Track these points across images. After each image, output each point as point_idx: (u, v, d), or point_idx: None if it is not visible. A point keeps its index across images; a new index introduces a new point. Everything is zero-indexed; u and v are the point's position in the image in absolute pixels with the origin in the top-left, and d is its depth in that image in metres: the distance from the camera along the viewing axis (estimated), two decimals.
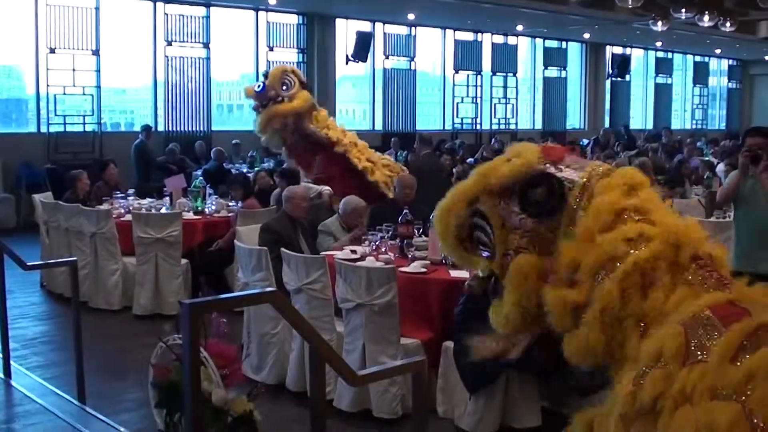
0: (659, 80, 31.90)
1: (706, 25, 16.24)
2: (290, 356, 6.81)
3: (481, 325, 5.70)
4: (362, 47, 21.82)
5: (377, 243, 7.31)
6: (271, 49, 21.08)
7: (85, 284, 9.32)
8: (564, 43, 28.24)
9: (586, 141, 23.35)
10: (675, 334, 2.75)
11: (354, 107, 24.54)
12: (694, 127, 32.72)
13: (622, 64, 29.14)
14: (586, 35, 26.70)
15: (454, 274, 6.56)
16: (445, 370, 6.16)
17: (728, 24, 16.53)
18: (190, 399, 3.21)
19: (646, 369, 2.78)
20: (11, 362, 7.09)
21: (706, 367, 2.59)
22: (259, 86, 11.20)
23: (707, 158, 18.39)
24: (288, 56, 21.48)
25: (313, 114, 11.44)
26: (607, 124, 29.39)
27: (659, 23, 16.85)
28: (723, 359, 2.56)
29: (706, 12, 15.56)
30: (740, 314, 2.73)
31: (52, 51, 17.10)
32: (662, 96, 32.05)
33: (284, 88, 11.16)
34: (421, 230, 7.65)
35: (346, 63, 22.05)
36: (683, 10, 15.57)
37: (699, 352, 2.66)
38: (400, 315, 6.11)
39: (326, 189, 10.53)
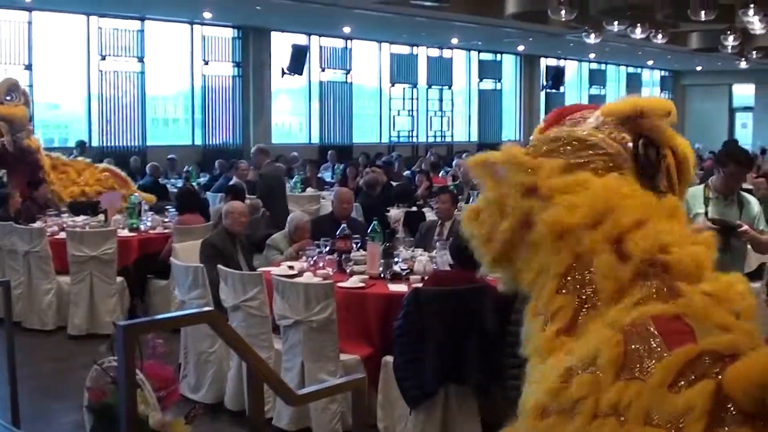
0: (593, 91, 32.29)
1: (638, 37, 16.45)
2: (228, 374, 6.73)
3: (420, 338, 5.75)
4: (298, 60, 21.81)
5: (315, 258, 7.28)
6: (207, 63, 21.00)
7: (19, 304, 9.13)
8: (499, 56, 28.49)
9: None
10: (613, 343, 2.66)
11: (290, 120, 24.51)
12: None
13: (557, 76, 29.45)
14: (521, 48, 26.95)
15: (393, 288, 6.56)
16: (385, 385, 6.13)
17: (660, 36, 16.79)
18: (127, 423, 3.15)
19: (575, 370, 2.72)
20: None
21: (643, 388, 2.50)
22: None
23: None
24: (223, 70, 21.40)
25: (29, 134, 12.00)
26: None
27: (592, 36, 17.06)
28: (662, 384, 2.51)
29: (638, 24, 15.76)
30: (684, 334, 2.65)
31: None
32: None
33: (8, 98, 11.69)
34: (359, 244, 7.63)
35: (282, 76, 22.01)
36: (615, 22, 15.76)
37: (636, 367, 2.59)
38: (339, 331, 6.07)
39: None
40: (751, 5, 14.13)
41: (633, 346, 2.65)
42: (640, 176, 3.21)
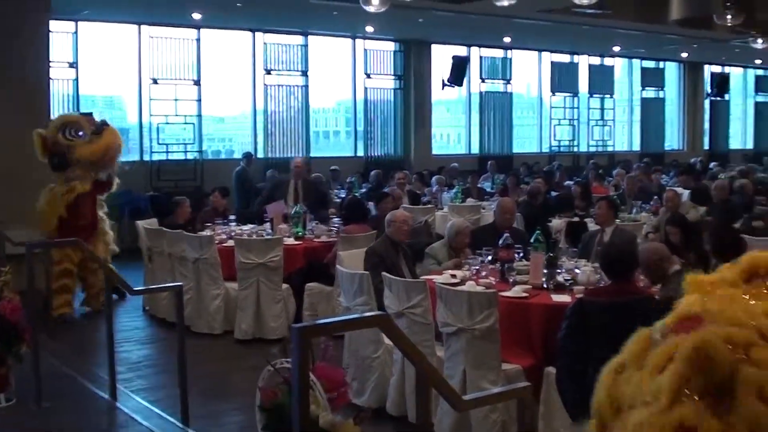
0: (759, 99, 31.17)
1: None
2: (390, 381, 6.83)
3: (584, 349, 5.69)
4: (458, 71, 21.84)
5: (478, 267, 7.31)
6: (369, 76, 21.28)
7: (188, 309, 9.48)
8: (661, 63, 27.86)
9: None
10: (638, 340, 2.77)
11: (450, 131, 24.59)
12: None
13: (721, 83, 28.55)
14: (684, 54, 26.29)
15: (556, 298, 6.52)
16: (546, 396, 6.09)
17: None
18: (299, 422, 3.24)
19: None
20: (117, 385, 7.27)
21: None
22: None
23: None
24: (385, 83, 21.67)
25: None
26: (706, 145, 28.88)
27: (759, 41, 16.54)
28: (654, 368, 2.59)
29: None
30: (691, 329, 2.72)
31: (155, 81, 17.58)
32: (763, 115, 31.26)
33: (71, 136, 10.94)
34: (521, 254, 7.62)
35: (443, 88, 22.10)
36: None
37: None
38: (502, 340, 6.08)
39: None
40: None
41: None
42: None
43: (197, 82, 18.21)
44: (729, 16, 14.23)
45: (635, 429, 2.62)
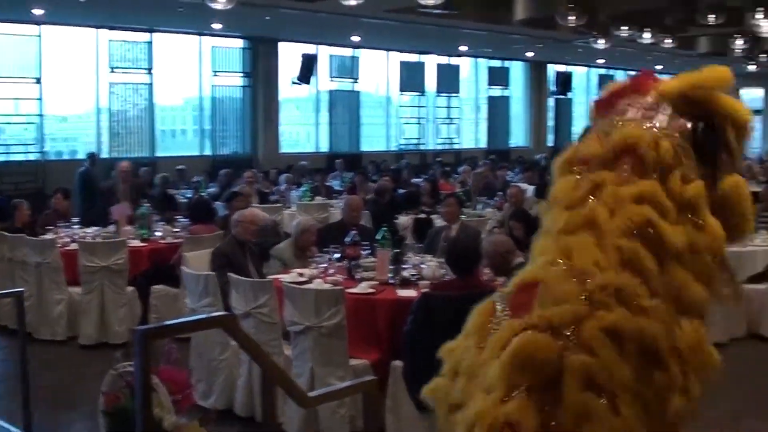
0: None
1: (646, 42, 16.50)
2: (238, 382, 6.80)
3: (431, 340, 5.78)
4: (307, 70, 21.88)
5: (325, 265, 7.34)
6: (216, 74, 21.09)
7: (29, 315, 9.18)
8: (506, 62, 28.52)
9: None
10: (481, 311, 2.98)
11: (298, 129, 24.59)
12: None
13: (565, 82, 29.46)
14: (529, 54, 26.99)
15: (402, 293, 6.61)
16: (394, 390, 6.17)
17: (668, 40, 16.83)
18: (142, 425, 3.21)
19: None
20: None
21: (479, 357, 2.80)
22: None
23: None
24: (232, 80, 21.51)
25: None
26: (551, 142, 29.71)
27: (600, 41, 17.11)
28: (492, 354, 2.72)
29: (647, 29, 15.81)
30: (524, 305, 2.82)
31: None
32: None
33: None
34: (369, 251, 7.69)
35: (291, 86, 22.09)
36: (624, 27, 15.81)
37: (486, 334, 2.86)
38: (349, 336, 6.13)
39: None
40: (760, 9, 14.16)
41: (495, 315, 2.96)
42: (701, 162, 3.13)
43: (39, 81, 17.68)
44: (571, 17, 14.70)
45: (472, 418, 2.70)
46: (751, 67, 23.65)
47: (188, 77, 21.08)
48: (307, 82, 22.23)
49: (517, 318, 2.78)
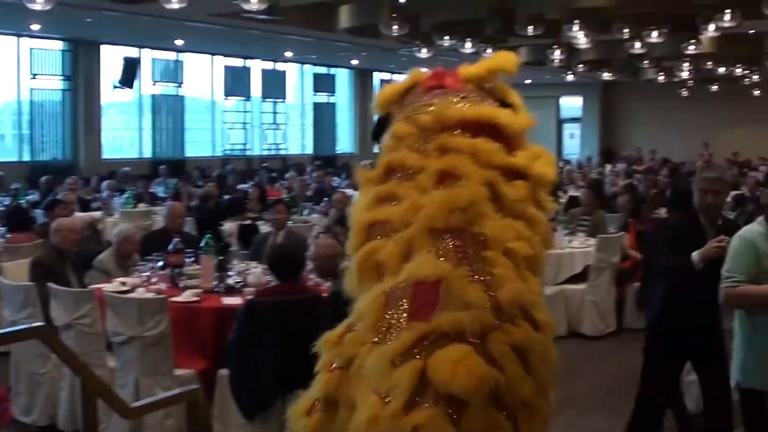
0: None
1: (468, 51, 16.88)
2: (61, 395, 6.62)
3: (255, 349, 5.80)
4: (129, 73, 21.49)
5: (148, 273, 7.24)
6: (34, 77, 20.44)
7: None
8: (332, 69, 28.70)
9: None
10: (375, 305, 2.71)
11: (122, 134, 24.06)
12: None
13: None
14: (354, 62, 27.23)
15: (227, 301, 6.59)
16: (221, 398, 6.15)
17: (489, 50, 17.25)
18: None
19: (351, 325, 2.79)
20: None
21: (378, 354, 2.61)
22: None
23: None
24: (52, 83, 20.90)
25: None
26: (377, 149, 30.00)
27: (424, 50, 17.42)
28: (391, 355, 2.57)
29: (468, 39, 16.20)
30: (427, 306, 2.65)
31: None
32: None
33: None
34: (192, 259, 7.62)
35: (113, 90, 21.64)
36: (446, 37, 16.14)
37: (383, 333, 2.66)
38: (174, 345, 6.07)
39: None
40: (576, 21, 14.73)
41: (389, 312, 2.69)
42: None
43: None
44: (394, 27, 14.94)
45: (367, 426, 2.58)
46: (569, 77, 24.56)
47: (5, 80, 20.33)
48: (130, 86, 21.83)
49: (420, 320, 2.61)
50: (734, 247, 4.56)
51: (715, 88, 27.66)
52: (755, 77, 24.67)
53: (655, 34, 15.38)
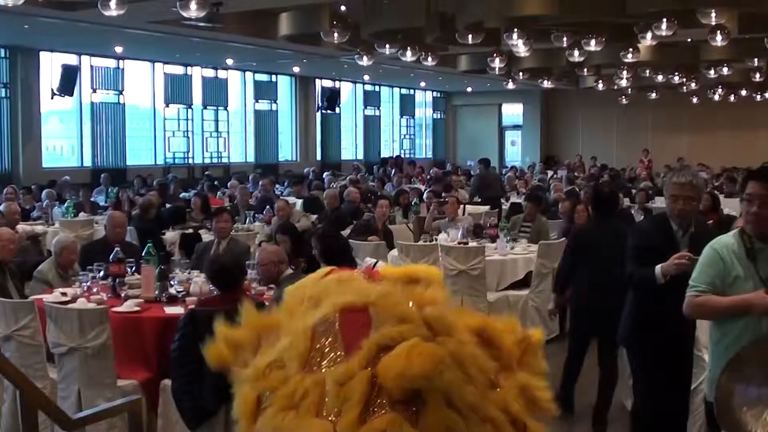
0: (368, 112, 33.05)
1: (409, 59, 16.93)
2: (2, 408, 6.54)
3: (197, 359, 5.77)
4: (68, 81, 21.24)
5: (88, 284, 7.18)
6: None
7: None
8: (274, 77, 28.62)
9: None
10: (301, 338, 2.73)
11: (62, 143, 23.76)
12: (404, 155, 33.76)
13: (332, 97, 29.86)
14: (296, 69, 27.18)
15: (169, 310, 6.58)
16: (165, 408, 6.12)
17: (430, 58, 17.34)
18: None
19: (275, 362, 2.77)
20: None
21: (318, 381, 2.62)
22: None
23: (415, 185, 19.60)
24: None
25: None
26: (319, 156, 30.04)
27: (365, 58, 17.44)
28: (340, 381, 2.58)
29: (409, 47, 16.24)
30: (361, 327, 2.72)
31: None
32: (371, 127, 33.26)
33: None
34: (133, 268, 7.58)
35: (52, 97, 21.39)
36: (387, 45, 16.17)
37: (317, 362, 2.69)
38: (116, 356, 6.04)
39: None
40: (515, 29, 14.84)
41: (320, 341, 2.71)
42: None
43: None
44: (335, 34, 14.96)
45: None
46: (510, 85, 24.75)
47: None
48: (70, 94, 21.59)
49: (357, 349, 2.63)
50: (702, 256, 4.40)
51: (654, 95, 27.98)
52: (693, 85, 25.01)
53: (593, 42, 15.54)
